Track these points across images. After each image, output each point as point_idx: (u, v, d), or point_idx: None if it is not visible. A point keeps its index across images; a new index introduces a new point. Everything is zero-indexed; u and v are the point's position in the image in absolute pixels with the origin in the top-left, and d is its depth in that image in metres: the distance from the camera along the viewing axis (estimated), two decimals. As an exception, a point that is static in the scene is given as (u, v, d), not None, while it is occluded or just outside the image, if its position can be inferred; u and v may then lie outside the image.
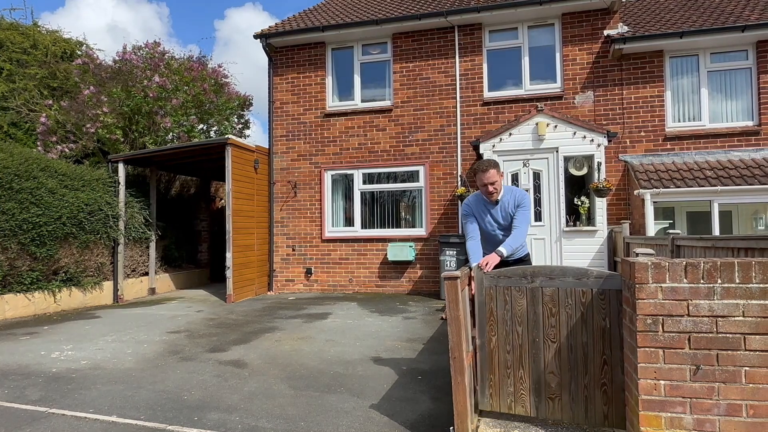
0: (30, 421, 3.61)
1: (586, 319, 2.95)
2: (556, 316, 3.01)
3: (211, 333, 6.55)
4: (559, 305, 3.01)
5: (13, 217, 7.70)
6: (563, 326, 3.00)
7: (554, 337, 3.02)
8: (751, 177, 7.98)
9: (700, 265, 2.37)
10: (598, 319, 2.92)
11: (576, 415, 2.97)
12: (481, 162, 3.95)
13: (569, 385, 2.98)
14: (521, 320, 3.11)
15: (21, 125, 12.88)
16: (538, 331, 3.06)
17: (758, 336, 2.32)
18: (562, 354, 2.99)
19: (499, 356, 3.16)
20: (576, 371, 2.96)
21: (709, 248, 4.33)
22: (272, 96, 11.12)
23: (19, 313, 7.88)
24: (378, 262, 10.31)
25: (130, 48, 13.06)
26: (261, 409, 3.78)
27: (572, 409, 2.98)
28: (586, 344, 2.94)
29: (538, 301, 3.06)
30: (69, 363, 5.15)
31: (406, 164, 10.32)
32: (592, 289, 2.93)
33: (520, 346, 3.11)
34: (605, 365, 2.89)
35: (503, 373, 3.15)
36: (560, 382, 3.00)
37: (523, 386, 3.10)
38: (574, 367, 2.97)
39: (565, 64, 9.58)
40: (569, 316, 2.98)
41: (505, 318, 3.15)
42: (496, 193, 3.77)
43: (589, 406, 2.94)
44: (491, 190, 3.75)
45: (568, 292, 2.98)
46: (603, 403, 2.90)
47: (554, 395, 3.02)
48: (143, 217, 10.33)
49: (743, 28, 8.54)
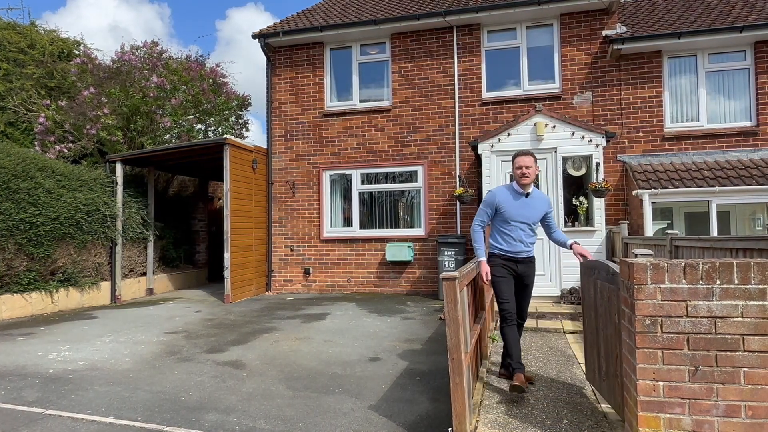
0: (27, 423, 3.59)
1: (610, 313, 3.14)
2: (600, 308, 3.35)
3: (209, 333, 6.53)
4: (601, 298, 3.32)
5: (10, 217, 7.67)
6: (601, 318, 3.35)
7: (603, 326, 3.34)
8: (749, 177, 7.99)
9: (699, 266, 2.36)
10: (613, 314, 3.04)
11: (609, 399, 3.25)
12: (522, 149, 4.19)
13: (608, 371, 3.25)
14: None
15: (18, 125, 12.84)
16: (598, 320, 3.42)
17: (757, 337, 2.32)
18: (603, 342, 3.33)
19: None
20: (608, 360, 3.24)
21: (708, 249, 4.33)
22: (270, 96, 11.10)
23: (16, 313, 7.85)
24: (376, 263, 10.30)
25: (128, 48, 13.03)
26: (259, 410, 3.77)
27: (608, 393, 3.27)
28: (611, 336, 3.15)
29: (597, 291, 3.40)
30: (66, 364, 5.13)
31: (404, 164, 10.32)
32: (610, 286, 3.08)
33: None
34: (617, 358, 3.00)
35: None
36: (606, 368, 3.29)
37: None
38: (608, 356, 3.25)
39: (563, 64, 9.58)
40: (604, 309, 3.26)
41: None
42: (528, 178, 3.81)
43: (613, 395, 3.12)
44: (525, 172, 3.79)
45: (602, 287, 3.26)
46: (617, 394, 3.02)
47: (604, 378, 3.36)
48: (141, 217, 10.30)
49: (741, 28, 8.55)
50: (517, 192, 3.89)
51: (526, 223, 3.87)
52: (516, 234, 3.86)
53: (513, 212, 3.84)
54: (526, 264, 3.95)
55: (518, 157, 3.89)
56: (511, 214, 3.84)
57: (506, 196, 3.89)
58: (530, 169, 3.81)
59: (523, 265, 3.93)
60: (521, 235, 3.87)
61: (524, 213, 3.85)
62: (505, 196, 3.89)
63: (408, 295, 9.84)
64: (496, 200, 3.89)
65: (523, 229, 3.87)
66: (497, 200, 3.88)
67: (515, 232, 3.86)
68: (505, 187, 4.00)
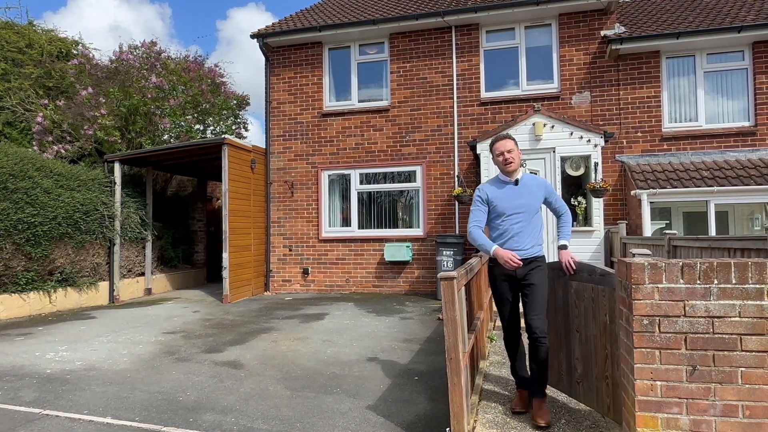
0: (24, 423, 3.58)
1: (595, 313, 3.15)
2: (579, 308, 3.32)
3: (207, 333, 6.52)
4: (580, 299, 3.29)
5: (8, 217, 7.65)
6: (582, 318, 3.30)
7: (579, 327, 3.32)
8: (747, 177, 8.00)
9: (697, 265, 2.36)
10: (601, 315, 3.06)
11: (591, 402, 3.25)
12: (498, 134, 3.71)
13: (587, 374, 3.26)
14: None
15: (16, 125, 12.82)
16: (570, 321, 3.43)
17: (754, 336, 2.31)
18: (583, 344, 3.30)
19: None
20: (590, 362, 3.24)
21: (706, 249, 4.33)
22: (269, 96, 11.09)
23: (14, 313, 7.83)
24: (375, 263, 10.29)
25: (126, 47, 13.01)
26: (257, 410, 3.76)
27: (588, 396, 3.27)
28: (595, 337, 3.15)
29: (569, 293, 3.39)
30: (64, 364, 5.12)
31: (403, 164, 10.31)
32: (598, 286, 3.08)
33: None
34: (607, 359, 3.03)
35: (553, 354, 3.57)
36: (583, 370, 3.30)
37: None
38: (589, 357, 3.24)
39: (562, 64, 9.58)
40: (585, 309, 3.24)
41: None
42: (513, 163, 3.42)
43: (598, 396, 3.18)
44: (508, 158, 3.40)
45: (584, 287, 3.24)
46: (605, 395, 3.05)
47: (580, 380, 3.34)
48: (139, 217, 10.29)
49: (739, 28, 8.56)
50: (504, 182, 3.50)
51: (523, 212, 3.38)
52: (512, 229, 3.37)
53: (505, 203, 3.41)
54: (529, 266, 3.33)
55: (497, 143, 3.48)
56: (504, 206, 3.40)
57: (495, 188, 3.51)
58: (513, 153, 3.42)
59: (524, 268, 3.32)
60: (518, 228, 3.35)
61: (518, 202, 3.39)
62: (494, 188, 3.51)
63: (406, 295, 9.84)
64: (486, 194, 3.49)
65: (520, 221, 3.37)
66: (487, 194, 3.49)
67: (512, 227, 3.37)
68: (491, 180, 3.64)
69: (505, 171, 3.46)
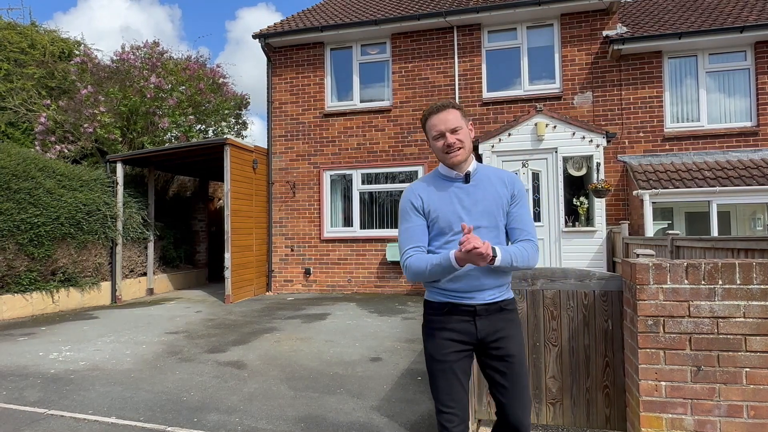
0: (29, 423, 3.59)
1: (588, 321, 2.95)
2: (558, 318, 3.01)
3: (209, 334, 6.53)
4: (560, 308, 3.00)
5: (11, 218, 7.67)
6: (565, 329, 2.99)
7: (555, 340, 3.01)
8: (749, 178, 8.00)
9: (701, 266, 2.37)
10: (600, 321, 2.92)
11: (577, 419, 2.97)
12: (433, 104, 2.13)
13: (571, 389, 2.98)
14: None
15: (19, 125, 12.85)
16: (539, 335, 3.05)
17: (759, 337, 2.32)
18: (564, 357, 2.99)
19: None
20: (578, 374, 2.96)
21: (709, 249, 4.34)
22: (271, 96, 11.10)
23: (16, 313, 7.85)
24: (377, 263, 10.30)
25: (129, 48, 13.03)
26: (261, 410, 3.77)
27: (573, 413, 2.97)
28: (588, 346, 2.94)
29: (539, 304, 3.04)
30: (67, 364, 5.13)
31: (404, 164, 10.32)
32: (594, 290, 2.93)
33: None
34: (607, 367, 2.90)
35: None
36: (561, 387, 2.99)
37: None
38: (575, 370, 2.97)
39: (564, 64, 9.58)
40: (571, 319, 2.98)
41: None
42: (461, 152, 2.01)
43: (591, 409, 2.94)
44: (451, 141, 2.00)
45: (570, 294, 2.98)
46: (605, 405, 2.90)
47: (555, 400, 3.01)
48: (141, 218, 10.30)
49: (742, 28, 8.56)
50: (445, 177, 2.09)
51: (482, 226, 1.98)
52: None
53: (447, 211, 2.01)
54: (493, 316, 2.00)
55: (431, 118, 2.08)
56: (447, 217, 2.00)
57: (433, 189, 2.08)
58: (459, 132, 2.01)
59: (486, 319, 2.00)
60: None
61: (469, 208, 2.00)
62: (431, 189, 2.08)
63: (408, 295, 9.84)
64: (421, 199, 2.06)
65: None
66: (421, 198, 2.06)
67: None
68: (427, 177, 2.17)
69: (447, 161, 2.05)
